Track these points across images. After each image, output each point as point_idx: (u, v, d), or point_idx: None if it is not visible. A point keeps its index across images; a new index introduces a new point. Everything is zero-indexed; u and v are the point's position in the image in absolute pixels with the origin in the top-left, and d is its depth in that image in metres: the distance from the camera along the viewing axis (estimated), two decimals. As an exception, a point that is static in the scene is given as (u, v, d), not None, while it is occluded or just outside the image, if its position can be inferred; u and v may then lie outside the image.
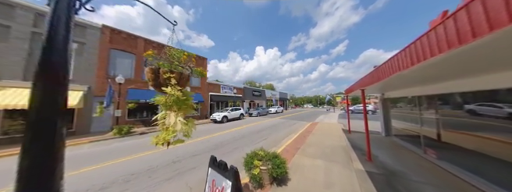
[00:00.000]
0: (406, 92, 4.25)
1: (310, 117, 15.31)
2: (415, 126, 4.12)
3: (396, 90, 4.52)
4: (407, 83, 3.19)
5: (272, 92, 28.59)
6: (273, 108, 20.08)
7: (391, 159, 3.56)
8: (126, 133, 7.56)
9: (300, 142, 5.30)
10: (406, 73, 1.95)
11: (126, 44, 9.62)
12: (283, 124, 10.26)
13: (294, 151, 4.37)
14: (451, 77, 2.59)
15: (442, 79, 2.72)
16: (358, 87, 3.65)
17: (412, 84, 3.39)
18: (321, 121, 11.72)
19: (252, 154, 2.90)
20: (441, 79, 2.72)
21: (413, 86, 3.60)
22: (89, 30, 8.26)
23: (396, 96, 4.99)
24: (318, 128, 7.94)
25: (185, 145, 5.44)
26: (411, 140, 4.34)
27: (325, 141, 5.30)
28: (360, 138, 5.68)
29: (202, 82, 14.33)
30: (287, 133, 7.29)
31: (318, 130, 7.29)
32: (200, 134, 7.32)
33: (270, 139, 6.13)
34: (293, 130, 7.87)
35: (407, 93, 4.25)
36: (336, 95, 33.16)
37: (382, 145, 4.71)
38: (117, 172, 3.44)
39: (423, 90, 3.55)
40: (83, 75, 8.03)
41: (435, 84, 3.17)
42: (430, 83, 3.12)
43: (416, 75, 2.33)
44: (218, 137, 6.55)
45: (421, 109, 3.81)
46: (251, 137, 6.45)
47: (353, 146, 4.71)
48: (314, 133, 6.59)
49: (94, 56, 8.40)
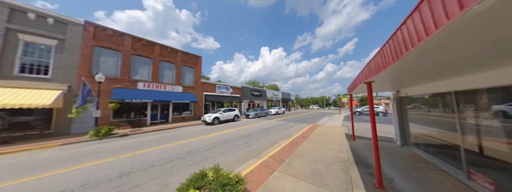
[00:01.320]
0: (433, 87, 3.04)
1: (312, 119, 13.99)
2: (446, 134, 2.90)
3: (417, 83, 3.30)
4: (437, 70, 2.04)
5: (274, 92, 27.41)
6: (273, 109, 18.94)
7: (415, 187, 2.38)
8: (104, 135, 6.97)
9: (288, 151, 4.23)
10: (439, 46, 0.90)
11: (112, 41, 9.19)
12: (279, 127, 9.17)
13: (276, 165, 3.33)
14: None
15: (497, 60, 1.56)
16: (363, 79, 2.55)
17: (445, 73, 2.21)
18: (324, 123, 10.42)
19: (194, 178, 1.94)
20: (496, 60, 1.57)
21: (446, 75, 2.42)
22: (70, 27, 7.89)
23: (416, 93, 3.75)
24: (316, 132, 6.76)
25: (149, 152, 4.62)
26: (440, 152, 3.11)
27: (321, 151, 4.17)
28: (368, 147, 4.46)
29: (196, 81, 13.68)
30: (279, 137, 6.22)
31: (315, 135, 6.13)
32: (180, 138, 6.49)
33: (255, 146, 5.12)
34: (287, 134, 6.78)
35: (434, 88, 3.03)
36: (342, 96, 31.07)
37: (397, 159, 3.49)
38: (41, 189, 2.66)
39: (463, 81, 2.35)
40: (63, 73, 7.64)
41: (483, 71, 1.99)
42: (476, 68, 1.94)
43: (457, 54, 1.25)
44: (195, 142, 5.67)
45: (459, 110, 2.59)
46: (234, 143, 5.49)
47: (357, 159, 3.55)
48: (310, 139, 5.46)
49: (76, 54, 8.02)
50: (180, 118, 12.34)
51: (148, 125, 10.32)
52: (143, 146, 5.38)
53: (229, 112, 12.08)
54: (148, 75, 10.72)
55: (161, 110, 11.64)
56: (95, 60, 8.61)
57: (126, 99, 8.83)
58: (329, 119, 13.40)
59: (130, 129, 8.95)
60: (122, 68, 9.48)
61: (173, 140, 6.08)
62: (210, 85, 15.29)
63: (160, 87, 11.10)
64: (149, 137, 6.97)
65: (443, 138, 3.05)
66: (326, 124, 10.01)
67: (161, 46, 11.50)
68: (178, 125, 10.27)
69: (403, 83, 3.26)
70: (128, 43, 9.82)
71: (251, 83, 48.62)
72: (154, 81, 10.86)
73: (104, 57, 8.96)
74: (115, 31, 9.41)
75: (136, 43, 10.22)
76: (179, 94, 11.98)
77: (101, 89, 8.57)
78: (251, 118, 14.60)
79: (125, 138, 7.05)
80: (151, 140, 6.43)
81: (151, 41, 11.02)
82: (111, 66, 9.17)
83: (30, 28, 6.89)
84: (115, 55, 9.35)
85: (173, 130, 8.71)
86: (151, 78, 10.77)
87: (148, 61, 10.79)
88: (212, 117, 10.47)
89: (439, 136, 3.17)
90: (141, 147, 5.18)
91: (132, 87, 9.79)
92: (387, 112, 16.93)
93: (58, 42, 7.57)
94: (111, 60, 9.17)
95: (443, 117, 3.03)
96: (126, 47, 9.70)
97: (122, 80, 9.44)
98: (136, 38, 10.28)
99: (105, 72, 8.91)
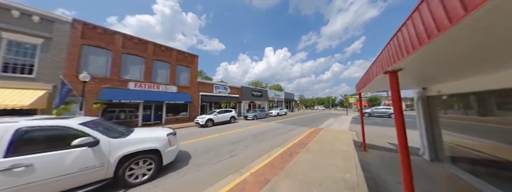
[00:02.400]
0: (491, 81, 1.99)
1: (315, 121, 12.81)
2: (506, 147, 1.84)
3: (463, 75, 2.23)
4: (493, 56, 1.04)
5: (276, 92, 26.36)
6: (274, 110, 17.93)
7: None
8: None
9: (278, 166, 3.31)
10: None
11: (101, 39, 8.85)
12: (277, 130, 8.21)
13: (255, 188, 2.44)
14: None
15: None
16: (381, 67, 1.60)
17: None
18: (328, 127, 9.27)
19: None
20: None
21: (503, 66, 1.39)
22: (57, 25, 7.61)
23: (457, 90, 2.66)
24: (318, 138, 5.72)
25: None
26: (499, 175, 2.04)
27: (320, 167, 3.20)
28: (385, 163, 3.40)
29: (192, 81, 13.13)
30: (273, 144, 5.30)
31: (316, 142, 5.12)
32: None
33: (241, 156, 4.25)
34: (283, 141, 5.82)
35: (492, 82, 1.98)
36: (349, 96, 29.16)
37: (433, 187, 2.44)
38: None
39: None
40: (49, 73, 7.35)
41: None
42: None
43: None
44: (175, 149, 4.90)
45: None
46: (218, 151, 4.67)
47: (372, 184, 2.55)
48: (309, 148, 4.47)
49: (63, 52, 7.72)
50: (175, 119, 11.81)
51: (140, 126, 9.86)
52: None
53: (225, 114, 11.32)
54: (140, 74, 10.30)
55: (155, 111, 11.18)
56: (83, 59, 8.29)
57: (113, 99, 8.40)
58: (335, 121, 12.13)
59: (119, 131, 8.50)
60: (112, 67, 9.11)
61: None
62: (207, 85, 14.70)
63: (152, 86, 10.64)
64: None
65: (502, 154, 1.98)
66: (331, 127, 8.86)
67: (154, 44, 11.08)
68: (170, 127, 9.69)
69: (437, 75, 2.22)
70: (119, 41, 9.46)
71: (254, 83, 47.87)
72: (146, 81, 10.42)
73: (93, 56, 8.63)
74: (106, 29, 9.08)
75: (127, 41, 9.85)
76: (173, 94, 11.46)
77: (89, 89, 8.24)
78: (250, 119, 13.74)
79: None
80: None
81: (144, 40, 10.62)
82: (100, 65, 8.82)
83: (14, 26, 6.64)
84: (105, 53, 9.01)
85: (162, 133, 8.09)
86: (143, 77, 10.34)
87: (140, 60, 10.39)
88: (205, 119, 9.77)
89: (495, 150, 2.09)
90: None
91: (122, 86, 9.39)
92: (402, 114, 15.24)
93: (44, 40, 7.30)
94: (100, 59, 8.83)
95: (504, 123, 1.96)
96: (116, 45, 9.34)
97: (112, 79, 9.06)
98: (128, 36, 9.91)
99: (94, 71, 8.57)
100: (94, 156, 2.24)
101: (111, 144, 2.43)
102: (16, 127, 1.98)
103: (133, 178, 2.64)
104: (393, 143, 5.08)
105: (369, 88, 3.14)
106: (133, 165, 2.64)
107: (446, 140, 3.12)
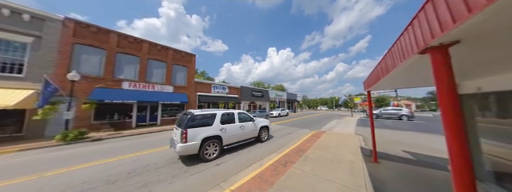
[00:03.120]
0: None
1: (317, 123, 12.00)
2: None
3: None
4: None
5: (278, 93, 25.63)
6: (275, 111, 17.22)
7: None
8: (73, 139, 6.19)
9: (268, 181, 2.70)
10: None
11: (95, 38, 8.62)
12: (275, 133, 7.56)
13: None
14: None
15: None
16: (410, 48, 0.97)
17: None
18: (331, 129, 8.49)
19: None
20: None
21: None
22: (48, 23, 7.42)
23: (507, 88, 1.93)
24: (319, 144, 5.03)
25: (83, 169, 3.33)
26: None
27: (319, 185, 2.54)
28: (400, 177, 2.68)
29: (189, 80, 12.76)
30: (267, 150, 4.67)
31: (317, 149, 4.43)
32: (145, 147, 5.28)
33: (226, 166, 3.66)
34: (279, 146, 5.18)
35: None
36: (354, 96, 27.85)
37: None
38: None
39: None
40: (39, 72, 7.14)
41: None
42: None
43: None
44: (153, 156, 4.39)
45: None
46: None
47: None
48: (308, 156, 3.81)
49: (54, 51, 7.52)
50: (171, 120, 11.43)
51: (134, 127, 9.54)
52: (94, 157, 4.33)
53: (222, 115, 10.79)
54: (135, 74, 10.02)
55: (151, 111, 10.87)
56: (75, 58, 8.07)
57: (105, 99, 8.10)
58: (338, 123, 11.28)
59: (112, 131, 8.19)
60: (105, 66, 8.86)
61: (132, 150, 4.93)
62: (205, 85, 14.29)
63: (147, 86, 10.33)
64: (119, 143, 6.04)
65: None
66: (334, 130, 8.08)
67: (150, 43, 10.80)
68: (163, 128, 9.30)
69: (476, 67, 1.53)
70: (113, 40, 9.22)
71: (256, 83, 47.32)
72: (140, 80, 10.12)
73: (86, 55, 8.41)
74: (100, 28, 8.86)
75: (122, 40, 9.60)
76: (168, 94, 11.10)
77: (81, 89, 8.00)
78: (249, 121, 13.14)
79: (95, 143, 6.17)
80: (118, 147, 5.50)
81: (139, 39, 10.36)
82: (93, 65, 8.59)
83: (4, 24, 6.48)
84: (99, 52, 8.77)
85: (151, 135, 7.68)
86: (137, 77, 10.05)
87: (135, 59, 10.12)
88: (200, 120, 9.28)
89: None
90: (90, 159, 4.14)
91: (115, 86, 9.12)
92: (413, 115, 14.04)
93: (35, 39, 7.12)
94: (93, 58, 8.60)
95: None
96: (111, 44, 9.10)
97: (105, 79, 8.80)
98: (123, 35, 9.67)
99: (87, 70, 8.34)
100: (253, 125, 5.33)
101: (255, 121, 5.47)
102: (222, 112, 4.48)
103: (262, 137, 5.64)
104: (410, 151, 4.30)
105: (383, 84, 2.46)
106: (263, 132, 5.73)
107: (488, 150, 2.37)
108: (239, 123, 4.77)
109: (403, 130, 8.15)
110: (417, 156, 3.89)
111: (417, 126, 9.85)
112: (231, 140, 4.45)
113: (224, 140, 4.21)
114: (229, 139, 4.37)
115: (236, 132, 4.59)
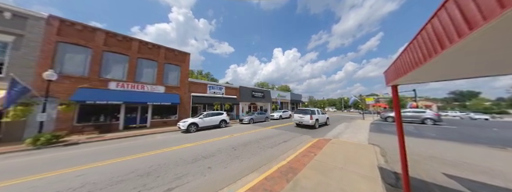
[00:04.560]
0: None
1: (322, 126, 10.56)
2: None
3: None
4: None
5: (281, 93, 24.30)
6: (276, 113, 15.99)
7: None
8: (44, 143, 5.69)
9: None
10: None
11: (80, 36, 8.30)
12: (268, 140, 6.45)
13: None
14: None
15: None
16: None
17: None
18: (338, 136, 7.12)
19: None
20: None
21: None
22: (31, 21, 7.16)
23: None
24: (320, 159, 3.82)
25: (38, 180, 2.61)
26: None
27: None
28: None
29: (182, 80, 12.14)
30: (249, 167, 3.60)
31: (315, 170, 3.25)
32: (121, 153, 4.52)
33: (183, 190, 2.67)
34: (268, 159, 4.07)
35: None
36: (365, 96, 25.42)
37: None
38: None
39: None
40: (20, 72, 6.86)
41: None
42: None
43: None
44: (113, 167, 3.55)
45: None
46: (158, 178, 3.18)
47: None
48: (298, 184, 2.67)
49: (36, 50, 7.26)
50: (161, 122, 10.84)
51: (121, 130, 9.04)
52: (58, 166, 3.76)
53: (214, 117, 9.92)
54: (123, 74, 9.58)
55: (141, 113, 10.38)
56: (59, 57, 7.76)
57: (88, 100, 7.66)
58: (347, 128, 9.75)
59: (95, 134, 7.70)
60: (91, 66, 8.50)
61: (99, 158, 4.21)
62: (200, 85, 13.60)
63: (136, 87, 9.84)
64: (95, 148, 5.49)
65: None
66: (342, 137, 6.71)
67: (140, 42, 10.36)
68: (152, 131, 8.66)
69: None
70: (100, 38, 8.86)
71: (260, 84, 46.29)
72: (129, 80, 9.66)
73: (71, 54, 8.09)
74: (86, 26, 8.55)
75: (110, 38, 9.23)
76: (158, 94, 10.53)
77: (63, 89, 7.63)
78: (245, 123, 12.11)
79: (68, 148, 5.63)
80: (89, 153, 4.90)
81: (129, 37, 9.96)
82: (78, 64, 8.25)
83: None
84: (84, 51, 8.44)
85: (135, 139, 7.03)
86: (126, 77, 9.60)
87: (124, 58, 9.70)
88: (187, 123, 8.48)
89: None
90: (40, 170, 3.47)
91: (102, 86, 8.71)
92: (440, 119, 11.84)
93: (16, 38, 6.87)
94: (78, 57, 8.27)
95: None
96: (97, 43, 8.75)
97: (91, 79, 8.42)
98: (111, 33, 9.30)
99: (70, 70, 8.01)
100: (324, 116, 11.21)
101: (319, 116, 10.27)
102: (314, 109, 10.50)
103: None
104: (458, 176, 2.83)
105: (421, 73, 1.28)
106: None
107: None
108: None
109: (431, 138, 6.51)
110: (475, 186, 2.48)
111: (449, 133, 7.96)
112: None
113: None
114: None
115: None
